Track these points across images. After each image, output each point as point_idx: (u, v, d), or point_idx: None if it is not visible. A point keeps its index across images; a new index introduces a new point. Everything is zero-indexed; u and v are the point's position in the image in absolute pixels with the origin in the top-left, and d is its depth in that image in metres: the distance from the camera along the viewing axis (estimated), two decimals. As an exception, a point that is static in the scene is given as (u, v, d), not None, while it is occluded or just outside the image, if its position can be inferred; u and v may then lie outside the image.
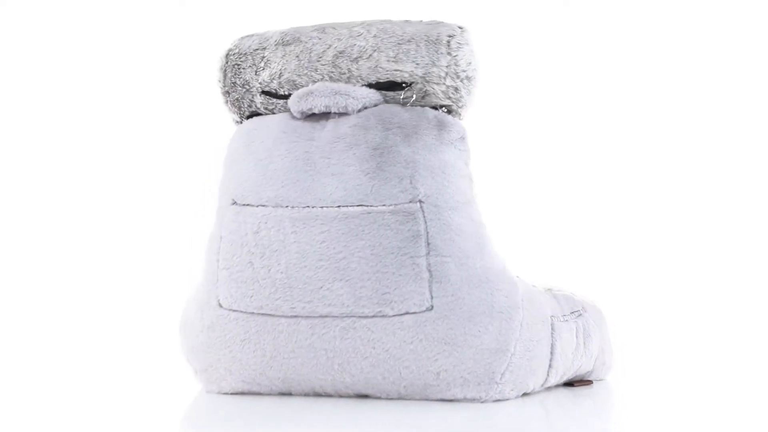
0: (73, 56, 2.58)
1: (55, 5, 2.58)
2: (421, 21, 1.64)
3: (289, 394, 1.57)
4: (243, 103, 1.65)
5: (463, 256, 1.52)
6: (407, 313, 1.50)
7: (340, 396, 1.56)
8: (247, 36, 1.67)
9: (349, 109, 1.57)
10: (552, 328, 1.57)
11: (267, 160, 1.57)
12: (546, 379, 1.59)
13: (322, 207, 1.53)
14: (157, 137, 2.57)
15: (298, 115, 1.59)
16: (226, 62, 1.66)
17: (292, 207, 1.54)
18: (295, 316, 1.52)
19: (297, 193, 1.54)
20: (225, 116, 1.71)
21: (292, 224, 1.53)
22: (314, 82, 1.60)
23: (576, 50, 2.58)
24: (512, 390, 1.54)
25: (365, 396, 1.56)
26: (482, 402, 1.53)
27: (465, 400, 1.53)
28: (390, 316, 1.50)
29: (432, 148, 1.55)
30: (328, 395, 1.57)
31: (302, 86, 1.61)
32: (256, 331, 1.54)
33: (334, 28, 1.64)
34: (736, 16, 2.57)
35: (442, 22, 1.63)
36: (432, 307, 1.50)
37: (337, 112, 1.57)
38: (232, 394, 1.59)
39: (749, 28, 2.56)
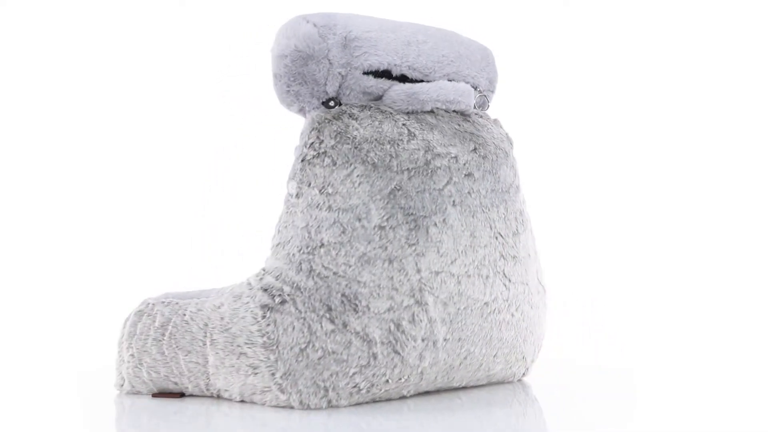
0: (73, 56, 2.58)
1: (55, 5, 2.58)
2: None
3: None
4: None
5: None
6: None
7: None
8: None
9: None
10: None
11: None
12: None
13: None
14: (157, 137, 2.57)
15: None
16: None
17: None
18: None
19: None
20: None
21: None
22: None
23: (576, 50, 2.58)
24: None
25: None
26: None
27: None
28: None
29: None
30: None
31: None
32: None
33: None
34: (736, 16, 2.57)
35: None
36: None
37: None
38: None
39: (749, 27, 2.57)
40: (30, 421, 1.53)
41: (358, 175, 1.53)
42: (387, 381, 1.52)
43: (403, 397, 1.58)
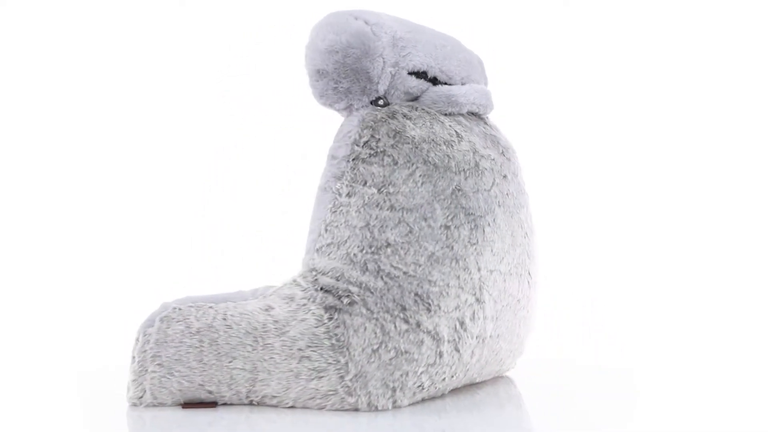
0: (73, 56, 2.58)
1: (55, 5, 2.58)
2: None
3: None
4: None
5: None
6: None
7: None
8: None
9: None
10: None
11: None
12: None
13: None
14: (157, 137, 2.57)
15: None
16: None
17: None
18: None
19: None
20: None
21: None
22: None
23: (576, 50, 2.58)
24: None
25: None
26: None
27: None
28: None
29: None
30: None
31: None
32: None
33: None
34: (736, 16, 2.57)
35: None
36: None
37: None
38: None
39: (749, 28, 2.57)
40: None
41: (420, 175, 1.53)
42: (444, 379, 1.54)
43: (442, 395, 1.59)
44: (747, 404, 1.62)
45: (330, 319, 1.48)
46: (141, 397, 1.53)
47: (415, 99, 1.61)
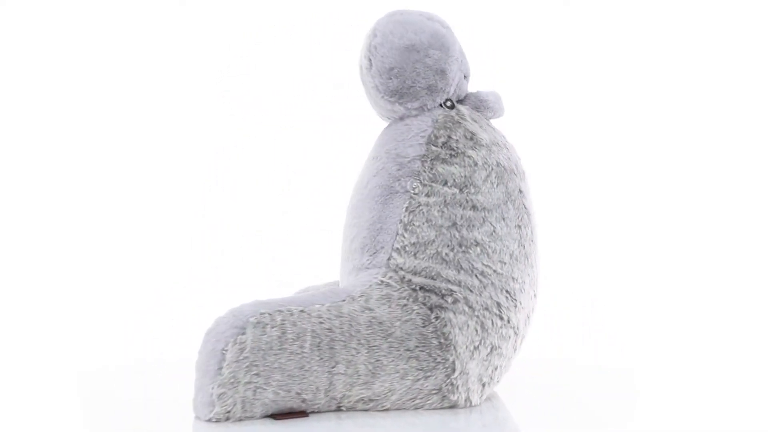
0: (73, 56, 2.58)
1: (55, 5, 2.58)
2: None
3: None
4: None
5: None
6: None
7: None
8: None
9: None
10: None
11: None
12: None
13: None
14: (157, 137, 2.57)
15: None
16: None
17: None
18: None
19: None
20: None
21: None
22: None
23: (576, 50, 2.58)
24: None
25: None
26: None
27: None
28: None
29: None
30: None
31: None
32: None
33: None
34: (736, 16, 2.57)
35: None
36: None
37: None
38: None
39: (749, 28, 2.57)
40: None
41: (496, 176, 1.55)
42: (506, 372, 1.58)
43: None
44: (747, 404, 1.62)
45: (437, 318, 1.49)
46: (229, 411, 1.41)
47: (459, 102, 1.63)
